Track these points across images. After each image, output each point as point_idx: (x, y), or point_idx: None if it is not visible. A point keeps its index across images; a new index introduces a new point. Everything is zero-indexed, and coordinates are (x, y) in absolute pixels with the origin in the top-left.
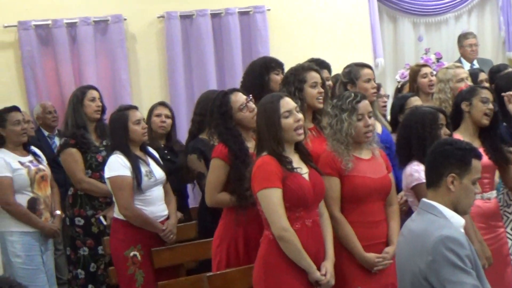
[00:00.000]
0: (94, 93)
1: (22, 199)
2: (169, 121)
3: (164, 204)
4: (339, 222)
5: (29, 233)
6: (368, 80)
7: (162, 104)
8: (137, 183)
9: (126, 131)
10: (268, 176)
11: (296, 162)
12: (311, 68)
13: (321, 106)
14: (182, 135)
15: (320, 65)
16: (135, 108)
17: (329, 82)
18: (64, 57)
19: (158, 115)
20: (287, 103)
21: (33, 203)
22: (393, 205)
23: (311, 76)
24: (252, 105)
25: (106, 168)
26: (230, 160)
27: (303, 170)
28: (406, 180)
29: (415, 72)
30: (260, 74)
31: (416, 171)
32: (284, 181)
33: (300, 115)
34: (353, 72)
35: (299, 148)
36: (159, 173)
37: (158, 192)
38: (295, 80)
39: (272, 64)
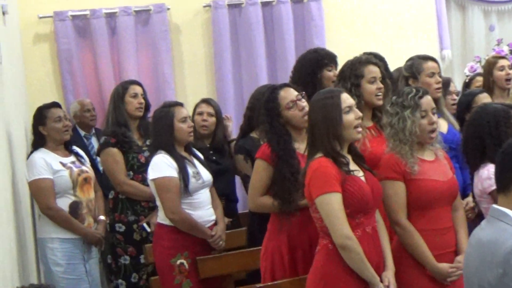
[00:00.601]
0: (136, 89)
1: (64, 203)
2: (212, 119)
3: (211, 209)
4: (407, 230)
5: (70, 240)
6: (432, 74)
7: (205, 101)
8: (184, 185)
9: (171, 129)
10: (327, 179)
11: (351, 163)
12: (369, 61)
13: (380, 103)
14: (233, 133)
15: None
16: (181, 105)
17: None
18: (103, 50)
19: (200, 114)
20: (347, 98)
21: (75, 207)
22: (459, 210)
23: (369, 70)
24: (303, 103)
25: (150, 169)
26: (273, 161)
27: (359, 172)
28: (482, 184)
29: (491, 65)
30: (312, 71)
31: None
32: (343, 184)
33: (360, 112)
34: (415, 66)
35: (351, 149)
36: (206, 175)
37: (205, 195)
38: (351, 75)
39: (324, 61)
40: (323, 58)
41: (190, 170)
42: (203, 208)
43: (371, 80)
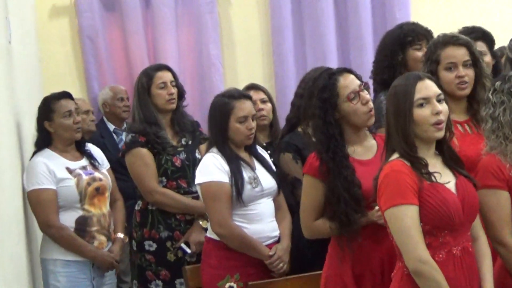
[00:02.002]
0: (164, 76)
1: (69, 218)
2: (268, 106)
3: (274, 222)
4: None
5: (76, 262)
6: None
7: (251, 88)
8: (237, 193)
9: (225, 127)
10: (400, 188)
11: (438, 167)
12: (448, 42)
13: (462, 93)
14: None
15: (475, 35)
16: (248, 97)
17: (485, 59)
18: (134, 26)
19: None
20: (427, 87)
21: (82, 223)
22: None
23: (447, 54)
24: (367, 95)
25: (198, 171)
26: (323, 175)
27: (447, 178)
28: None
29: None
30: (392, 52)
31: None
32: (421, 194)
33: (441, 107)
34: None
35: (443, 149)
36: (268, 181)
37: (266, 206)
38: (428, 60)
39: (408, 38)
40: (407, 35)
41: (246, 175)
42: (262, 222)
43: (448, 66)
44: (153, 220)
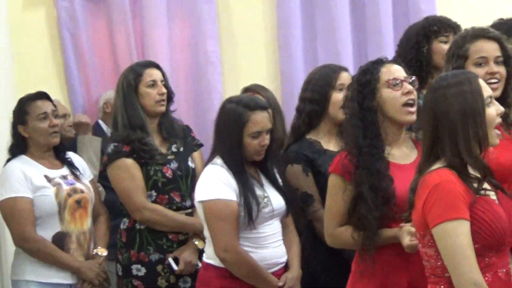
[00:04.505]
0: (153, 74)
1: (45, 234)
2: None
3: (282, 246)
4: None
5: (53, 285)
6: None
7: (247, 90)
8: (247, 214)
9: (239, 141)
10: (454, 201)
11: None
12: (479, 35)
13: (494, 93)
14: None
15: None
16: (264, 108)
17: None
18: (121, 18)
19: None
20: (486, 85)
21: (60, 240)
22: None
23: (477, 48)
24: (409, 86)
25: (200, 186)
26: (353, 175)
27: (492, 192)
28: None
29: None
30: (417, 44)
31: None
32: (472, 209)
33: (501, 107)
34: None
35: None
36: (278, 200)
37: (274, 228)
38: (454, 55)
39: (434, 28)
40: (432, 25)
41: (256, 194)
42: (270, 246)
43: (478, 62)
44: (141, 240)
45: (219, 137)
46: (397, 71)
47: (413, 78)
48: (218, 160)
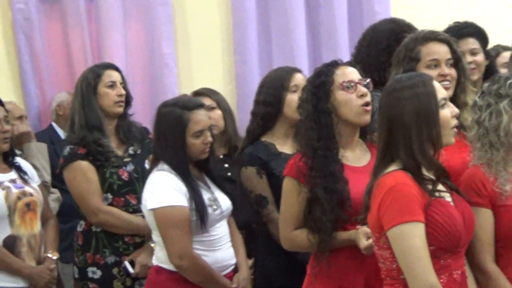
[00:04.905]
0: (113, 75)
1: None
2: (217, 113)
3: (231, 247)
4: (494, 279)
5: None
6: None
7: (196, 94)
8: (200, 218)
9: (182, 143)
10: (409, 203)
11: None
12: (429, 38)
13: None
14: None
15: (467, 30)
16: (201, 106)
17: (477, 58)
18: (76, 20)
19: None
20: (440, 87)
21: (11, 244)
22: None
23: (429, 50)
24: (363, 88)
25: (149, 193)
26: (307, 177)
27: (447, 194)
28: None
29: None
30: (388, 47)
31: None
32: (427, 211)
33: (456, 108)
34: None
35: None
36: (225, 201)
37: (224, 230)
38: (405, 58)
39: (404, 33)
40: (403, 30)
41: (205, 196)
42: (222, 248)
43: (430, 64)
44: (97, 243)
45: (161, 143)
46: (352, 73)
47: (368, 80)
48: (164, 166)
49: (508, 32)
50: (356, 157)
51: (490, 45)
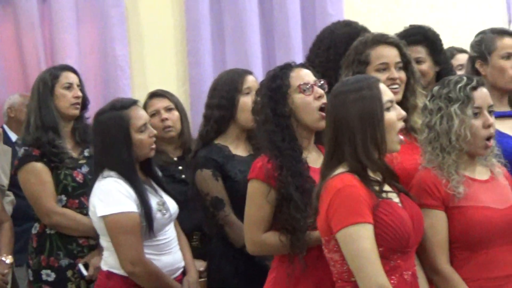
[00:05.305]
0: (70, 77)
1: None
2: (175, 114)
3: (179, 250)
4: (449, 279)
5: None
6: (508, 56)
7: (154, 95)
8: (147, 223)
9: (128, 143)
10: (356, 206)
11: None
12: (379, 41)
13: (394, 98)
14: None
15: (415, 38)
16: (135, 103)
17: (422, 67)
18: (29, 22)
19: (155, 114)
20: (387, 90)
21: None
22: None
23: (377, 55)
24: (320, 90)
25: (98, 201)
26: (275, 179)
27: (394, 195)
28: None
29: None
30: (345, 52)
31: None
32: (375, 212)
33: (403, 111)
34: (485, 42)
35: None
36: (172, 204)
37: (172, 233)
38: (354, 61)
39: (359, 36)
40: (359, 34)
41: (154, 201)
42: (171, 252)
43: (380, 67)
44: (51, 245)
45: (105, 150)
46: (307, 75)
47: (322, 81)
48: (111, 173)
49: (463, 35)
50: (314, 158)
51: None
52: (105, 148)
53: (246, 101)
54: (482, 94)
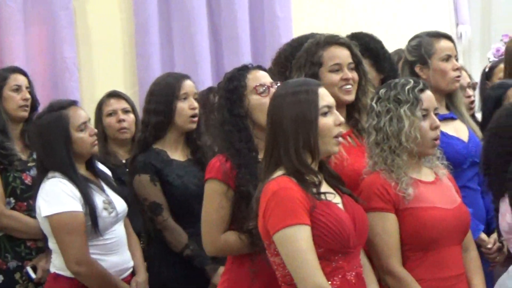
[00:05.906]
0: (19, 79)
1: None
2: (130, 117)
3: (129, 251)
4: (403, 281)
5: None
6: (448, 58)
7: (112, 95)
8: (92, 222)
9: (68, 141)
10: (291, 207)
11: (324, 185)
12: (331, 42)
13: (348, 98)
14: None
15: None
16: (75, 103)
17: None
18: None
19: (111, 114)
20: (327, 95)
21: None
22: (471, 250)
23: (330, 55)
24: None
25: (42, 201)
26: (234, 179)
27: (335, 197)
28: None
29: None
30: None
31: None
32: (313, 214)
33: (341, 117)
34: (424, 46)
35: (322, 167)
36: (120, 203)
37: (121, 233)
38: (306, 63)
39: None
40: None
41: (98, 199)
42: (118, 252)
43: (333, 68)
44: None
45: (47, 152)
46: (263, 77)
47: (279, 83)
48: (55, 174)
49: (410, 37)
50: None
51: (392, 49)
52: (45, 149)
53: (184, 106)
54: (429, 96)
